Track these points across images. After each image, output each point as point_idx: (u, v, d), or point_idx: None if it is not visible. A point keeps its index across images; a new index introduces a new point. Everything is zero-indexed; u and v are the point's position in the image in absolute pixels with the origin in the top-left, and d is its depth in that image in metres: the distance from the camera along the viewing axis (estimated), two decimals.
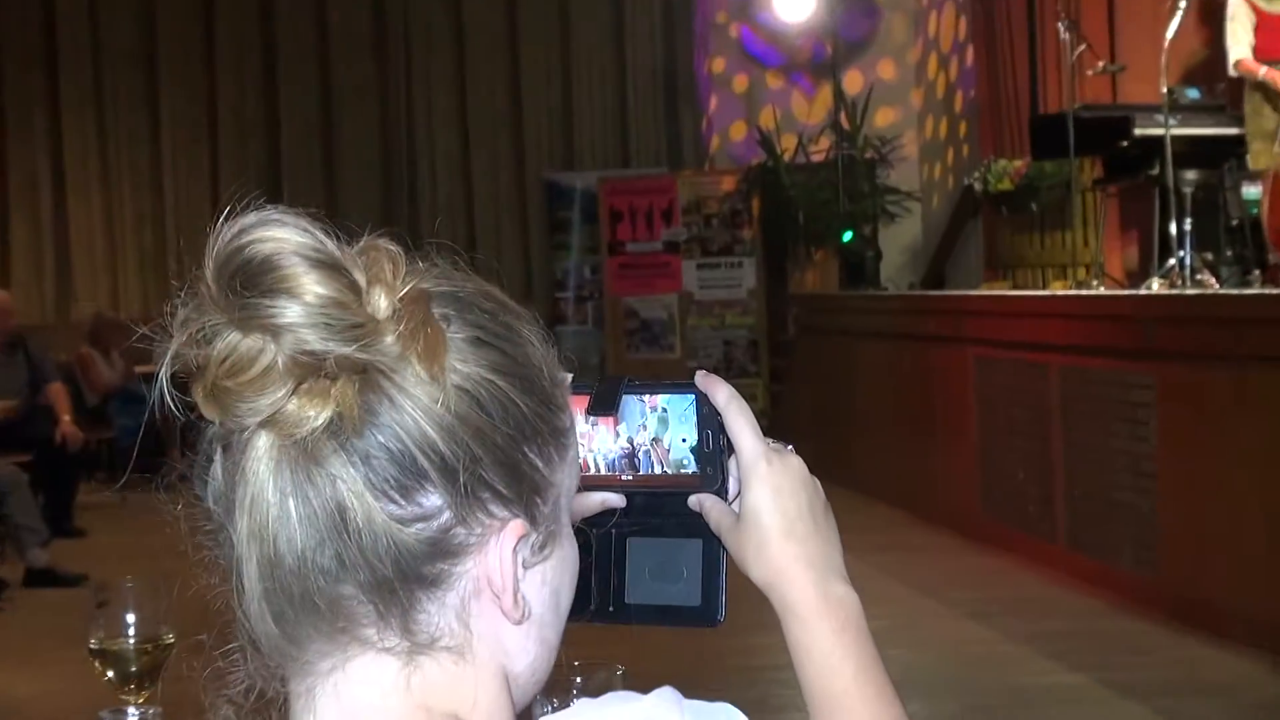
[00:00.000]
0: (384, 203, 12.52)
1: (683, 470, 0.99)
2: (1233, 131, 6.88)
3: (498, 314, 0.83)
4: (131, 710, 1.53)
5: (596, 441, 1.00)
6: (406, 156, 12.67)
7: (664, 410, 0.99)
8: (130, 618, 1.57)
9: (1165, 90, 6.81)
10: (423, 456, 0.77)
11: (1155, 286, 6.52)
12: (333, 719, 0.80)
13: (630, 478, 1.00)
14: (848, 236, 10.16)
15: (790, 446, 1.01)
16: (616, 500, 1.01)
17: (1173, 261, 6.62)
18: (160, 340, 0.77)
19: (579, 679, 1.21)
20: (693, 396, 0.99)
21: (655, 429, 0.99)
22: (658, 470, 1.00)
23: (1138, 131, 6.98)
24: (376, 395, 0.76)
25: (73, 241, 12.40)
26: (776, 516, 0.97)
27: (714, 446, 0.98)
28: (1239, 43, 6.74)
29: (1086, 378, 6.06)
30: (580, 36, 12.69)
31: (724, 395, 0.98)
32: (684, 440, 0.99)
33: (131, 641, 1.57)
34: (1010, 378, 6.73)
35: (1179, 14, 6.84)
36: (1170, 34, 6.82)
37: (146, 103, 12.52)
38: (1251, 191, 6.69)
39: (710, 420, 0.98)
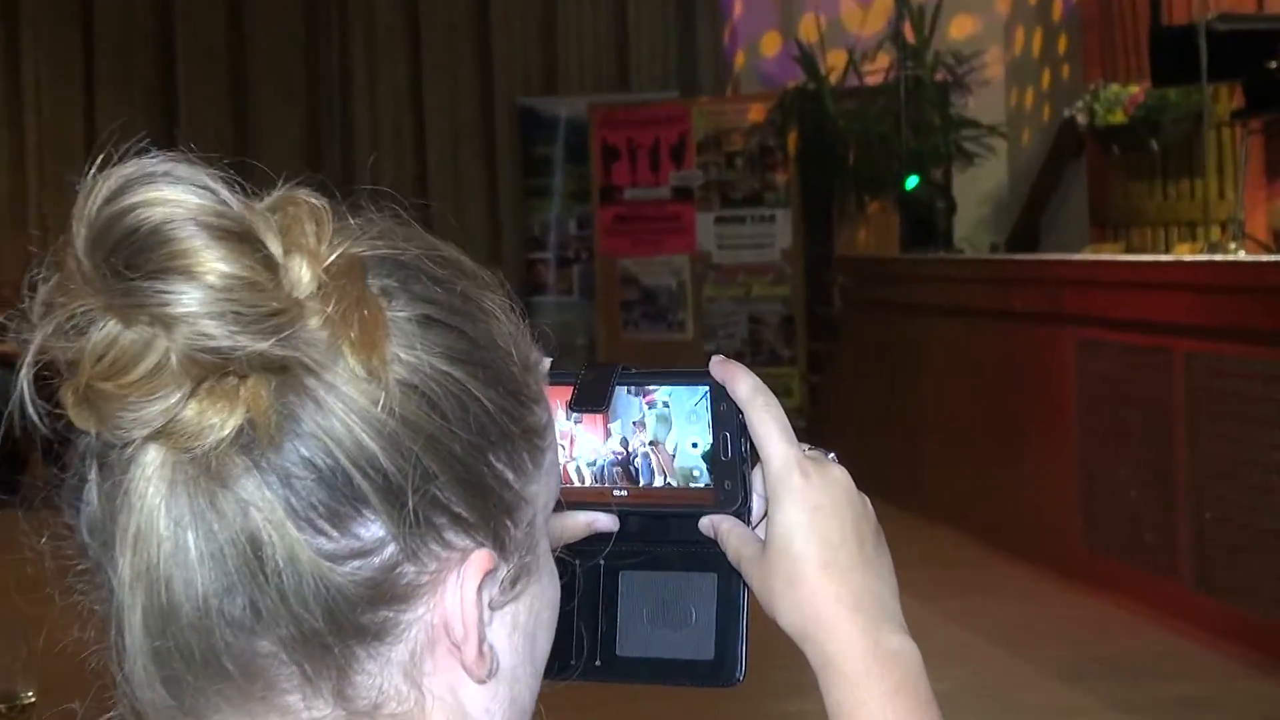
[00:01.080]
0: (309, 138, 12.50)
1: (692, 484, 1.00)
2: None
3: (453, 282, 0.83)
4: None
5: (581, 445, 1.00)
6: (339, 77, 12.65)
7: (665, 406, 0.99)
8: None
9: None
10: (359, 474, 0.77)
11: None
12: None
13: (625, 492, 1.00)
14: (912, 183, 10.15)
15: (832, 454, 1.01)
16: (607, 522, 1.01)
17: None
18: (18, 328, 0.77)
19: None
20: (706, 389, 0.99)
21: (654, 429, 0.99)
22: (660, 483, 1.00)
23: None
24: (298, 397, 0.76)
25: None
26: (813, 544, 0.97)
27: (733, 454, 0.99)
28: None
29: (1220, 368, 6.06)
30: None
31: (747, 388, 0.98)
32: (694, 445, 0.99)
33: None
34: (1121, 368, 6.73)
35: None
36: None
37: (1, 15, 12.49)
38: None
39: (728, 420, 0.98)
